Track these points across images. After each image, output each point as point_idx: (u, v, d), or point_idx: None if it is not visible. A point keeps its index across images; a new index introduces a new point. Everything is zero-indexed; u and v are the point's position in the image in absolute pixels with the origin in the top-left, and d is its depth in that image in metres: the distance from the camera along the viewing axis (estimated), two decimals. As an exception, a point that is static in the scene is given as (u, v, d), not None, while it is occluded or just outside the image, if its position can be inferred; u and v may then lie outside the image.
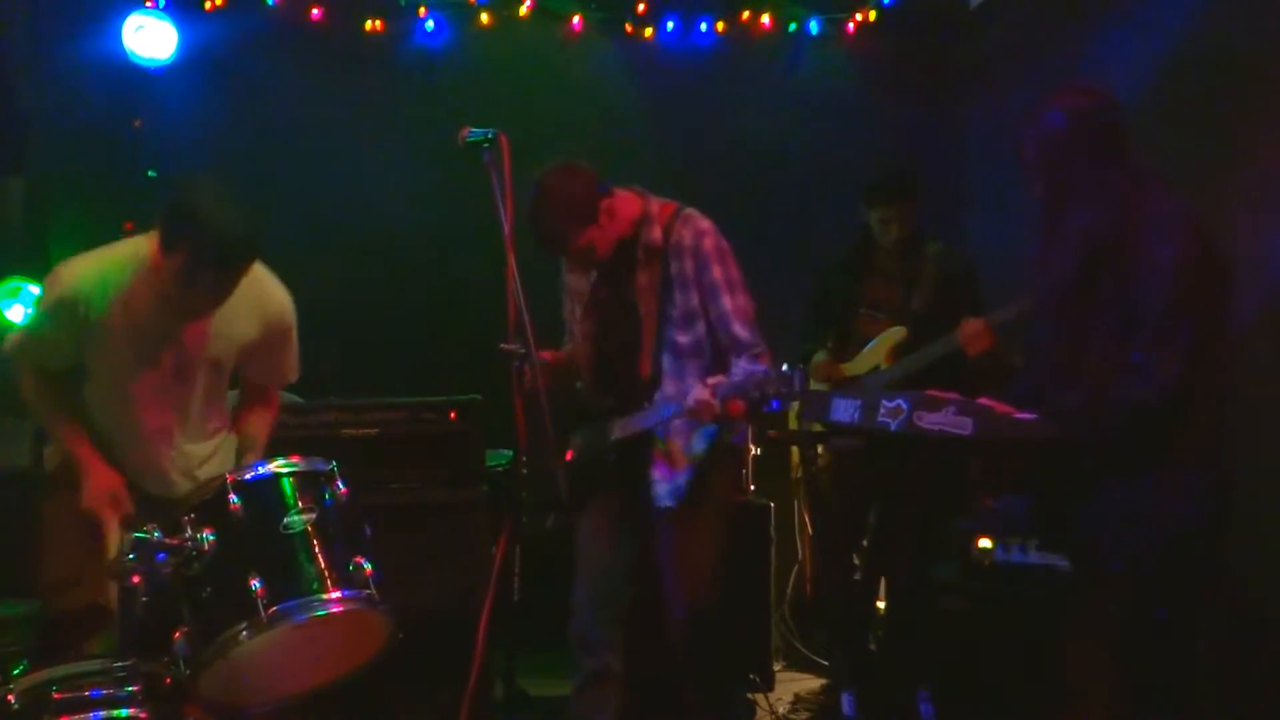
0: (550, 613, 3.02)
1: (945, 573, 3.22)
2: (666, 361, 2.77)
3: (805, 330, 3.77)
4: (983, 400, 2.32)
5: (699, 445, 2.78)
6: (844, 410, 2.61)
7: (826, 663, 3.96)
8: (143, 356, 2.47)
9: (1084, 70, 3.96)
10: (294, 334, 2.72)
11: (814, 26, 5.00)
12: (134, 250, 2.46)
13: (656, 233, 2.78)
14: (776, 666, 3.95)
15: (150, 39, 4.42)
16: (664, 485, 2.79)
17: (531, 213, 2.74)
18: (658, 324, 2.77)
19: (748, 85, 4.93)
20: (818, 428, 3.20)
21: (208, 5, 4.63)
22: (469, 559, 3.41)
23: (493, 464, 3.61)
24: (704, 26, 4.95)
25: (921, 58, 4.94)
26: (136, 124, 4.47)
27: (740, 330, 2.73)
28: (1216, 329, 2.28)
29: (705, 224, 2.79)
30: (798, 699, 3.73)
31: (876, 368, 3.51)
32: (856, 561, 3.68)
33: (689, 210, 2.82)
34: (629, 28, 4.94)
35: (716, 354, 2.77)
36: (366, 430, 3.44)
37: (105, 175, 4.44)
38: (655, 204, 2.83)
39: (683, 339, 2.77)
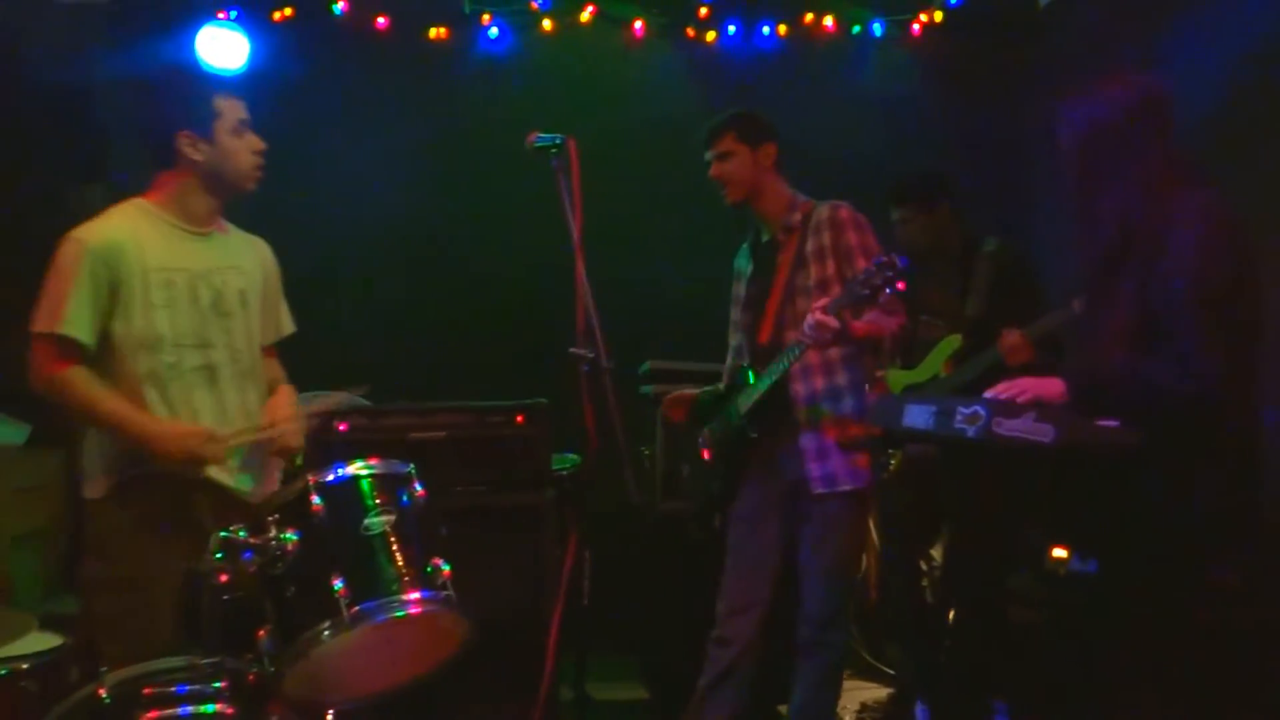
0: (617, 617, 3.03)
1: (1019, 582, 3.17)
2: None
3: None
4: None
5: (835, 405, 2.89)
6: (918, 416, 2.57)
7: (892, 671, 3.92)
8: (177, 293, 2.48)
9: (1156, 71, 3.88)
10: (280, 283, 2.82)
11: (878, 28, 4.96)
12: (124, 207, 2.54)
13: (796, 217, 3.00)
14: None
15: (222, 49, 4.52)
16: (817, 468, 2.86)
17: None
18: (782, 295, 2.93)
19: (810, 89, 4.89)
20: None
21: (276, 16, 4.72)
22: (534, 562, 3.42)
23: (558, 468, 3.63)
24: (766, 30, 4.93)
25: (989, 59, 4.87)
26: (210, 131, 4.56)
27: None
28: (1250, 323, 2.22)
29: (841, 202, 3.01)
30: (864, 707, 3.70)
31: (936, 376, 3.48)
32: (923, 567, 3.64)
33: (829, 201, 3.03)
34: (690, 32, 4.95)
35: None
36: (434, 433, 3.47)
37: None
38: (801, 198, 3.06)
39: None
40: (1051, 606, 3.10)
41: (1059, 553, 3.09)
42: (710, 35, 4.94)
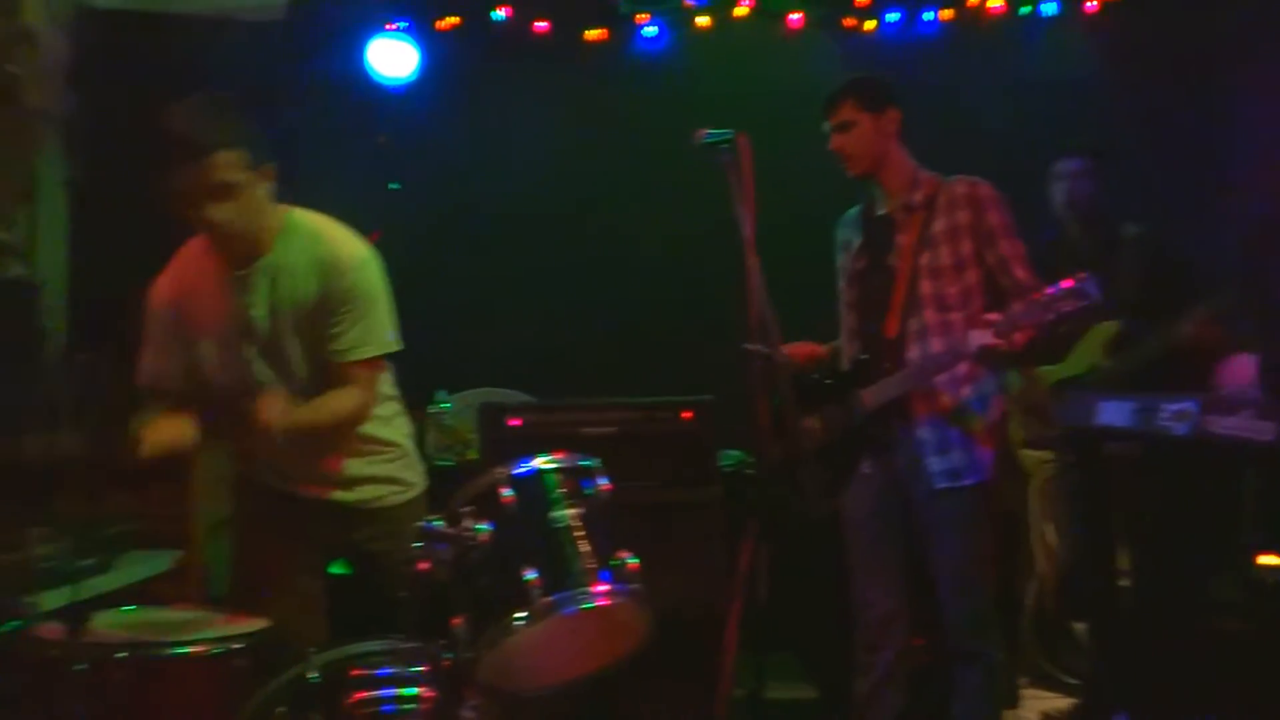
0: (793, 615, 2.99)
1: (1223, 590, 2.98)
2: (930, 317, 2.77)
3: None
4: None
5: (971, 400, 2.77)
6: (1115, 413, 2.46)
7: (1074, 681, 3.75)
8: (227, 332, 2.52)
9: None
10: (360, 292, 2.48)
11: (1049, 8, 4.75)
12: (187, 249, 2.60)
13: (919, 195, 2.85)
14: (1020, 681, 3.76)
15: (392, 59, 4.69)
16: (938, 462, 2.73)
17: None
18: (910, 281, 2.79)
19: (977, 75, 4.73)
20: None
21: (442, 25, 4.87)
22: (703, 558, 3.42)
23: (724, 464, 3.62)
24: (929, 16, 4.80)
25: (1171, 35, 4.60)
26: (381, 140, 4.75)
27: (1021, 273, 2.74)
28: None
29: (980, 179, 2.87)
30: (1046, 717, 3.55)
31: (1094, 366, 3.31)
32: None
33: (957, 176, 2.89)
34: (849, 22, 4.85)
35: (988, 302, 2.76)
36: (605, 429, 3.51)
37: (353, 188, 4.73)
38: (925, 173, 2.92)
39: (951, 289, 2.77)
40: (1259, 615, 2.90)
41: (1267, 559, 2.89)
42: (870, 24, 4.84)
